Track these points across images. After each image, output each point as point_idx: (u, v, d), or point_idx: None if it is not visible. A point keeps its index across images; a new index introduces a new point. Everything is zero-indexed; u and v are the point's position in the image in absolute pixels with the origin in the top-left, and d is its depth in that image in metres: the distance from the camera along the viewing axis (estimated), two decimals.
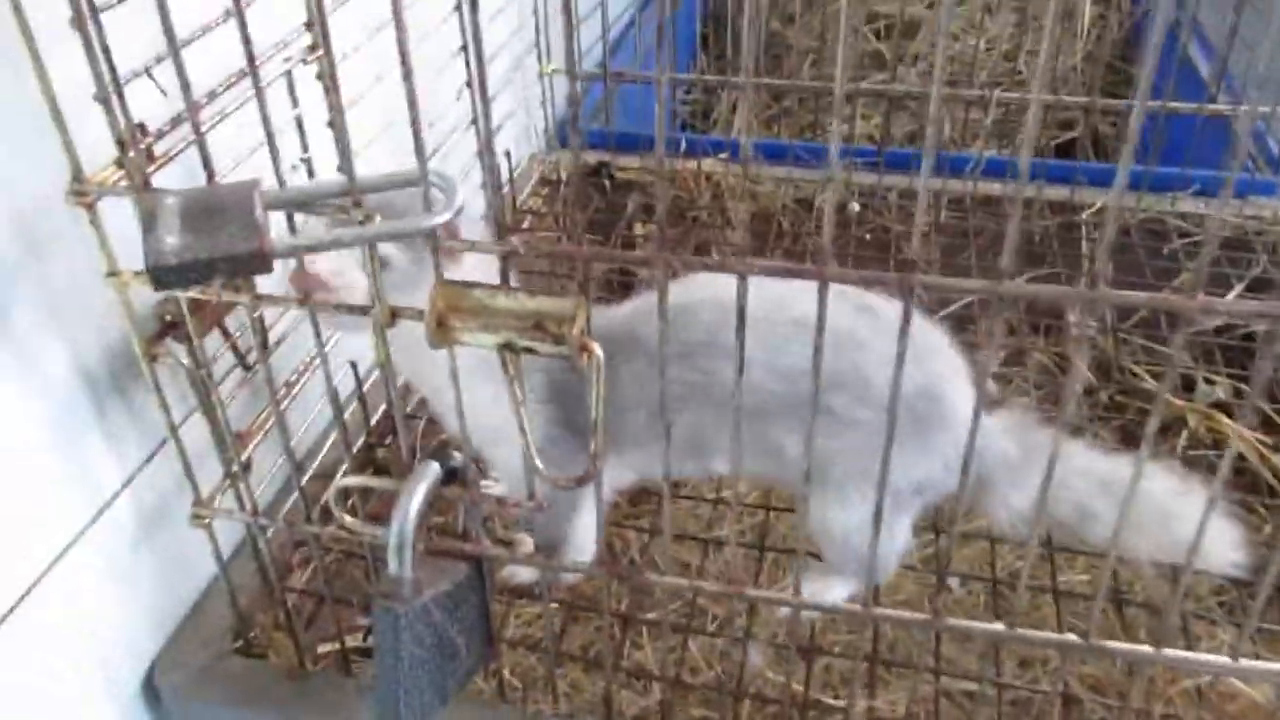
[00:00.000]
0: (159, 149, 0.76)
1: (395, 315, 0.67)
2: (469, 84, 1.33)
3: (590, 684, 1.04)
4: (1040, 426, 0.96)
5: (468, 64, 1.32)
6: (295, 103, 0.94)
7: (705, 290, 0.88)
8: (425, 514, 0.71)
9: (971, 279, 0.58)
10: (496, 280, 0.65)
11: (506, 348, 0.64)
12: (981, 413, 0.62)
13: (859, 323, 0.87)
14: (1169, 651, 0.70)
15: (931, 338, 0.91)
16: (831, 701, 0.98)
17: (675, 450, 0.91)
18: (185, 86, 0.65)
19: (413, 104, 0.59)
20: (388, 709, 0.73)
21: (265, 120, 0.67)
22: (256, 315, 0.93)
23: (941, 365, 0.90)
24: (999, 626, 0.73)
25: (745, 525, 1.19)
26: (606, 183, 1.69)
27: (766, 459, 0.91)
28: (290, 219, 0.77)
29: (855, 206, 1.62)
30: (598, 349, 0.63)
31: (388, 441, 1.18)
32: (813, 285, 0.59)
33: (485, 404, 0.77)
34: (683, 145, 1.73)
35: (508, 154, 1.57)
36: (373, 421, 1.17)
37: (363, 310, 0.68)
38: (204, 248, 0.59)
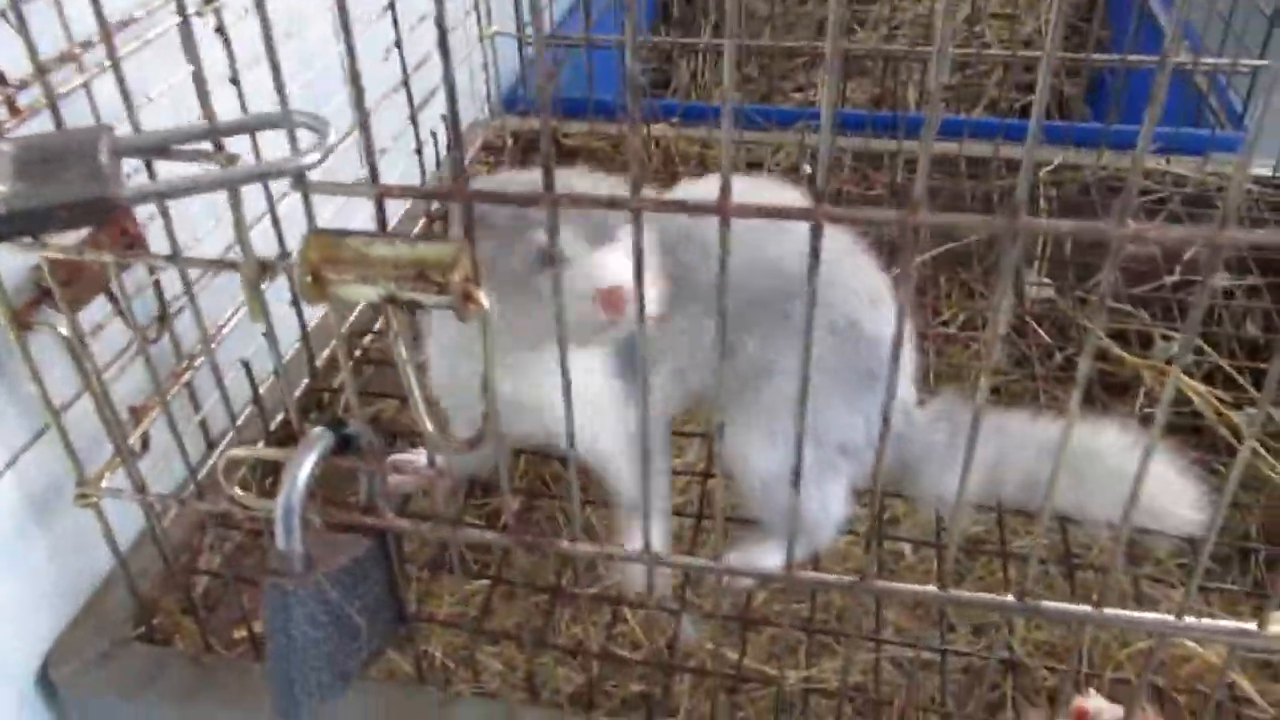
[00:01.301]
0: (23, 101, 0.71)
1: (264, 270, 0.62)
2: (397, 44, 1.27)
3: (524, 662, 0.99)
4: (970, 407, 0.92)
5: (395, 23, 1.27)
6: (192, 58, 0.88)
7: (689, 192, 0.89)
8: (316, 484, 0.67)
9: (883, 209, 0.54)
10: None
11: (390, 301, 0.59)
12: (902, 344, 0.59)
13: (839, 244, 0.87)
14: (1109, 611, 0.66)
15: (897, 301, 0.88)
16: (771, 672, 0.94)
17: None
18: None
19: (269, 40, 0.54)
20: (281, 691, 0.68)
21: (116, 65, 0.61)
22: (154, 280, 0.88)
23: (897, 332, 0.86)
24: (931, 588, 0.68)
25: (691, 496, 1.15)
26: (552, 149, 1.63)
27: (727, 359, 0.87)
28: (150, 166, 0.71)
29: (806, 169, 1.57)
30: (484, 299, 0.57)
31: (312, 417, 1.13)
32: None
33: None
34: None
35: (443, 118, 1.51)
36: (296, 395, 1.11)
37: (231, 265, 0.63)
38: (39, 195, 0.54)
